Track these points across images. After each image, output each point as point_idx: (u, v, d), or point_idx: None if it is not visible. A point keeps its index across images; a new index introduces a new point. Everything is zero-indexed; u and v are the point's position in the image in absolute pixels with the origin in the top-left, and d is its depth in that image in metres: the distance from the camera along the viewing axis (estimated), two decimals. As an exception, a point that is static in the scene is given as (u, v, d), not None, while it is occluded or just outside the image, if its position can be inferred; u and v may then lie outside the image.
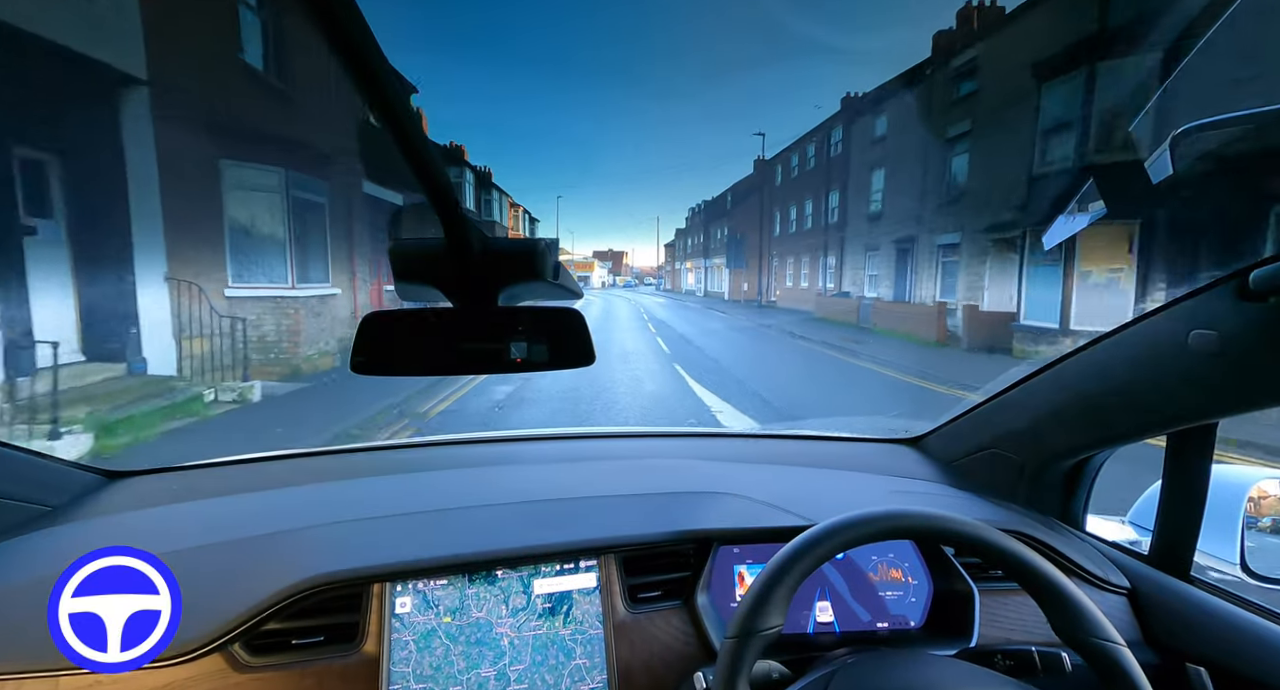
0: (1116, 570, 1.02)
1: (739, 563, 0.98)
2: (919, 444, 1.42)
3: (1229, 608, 0.90)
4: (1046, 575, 0.65)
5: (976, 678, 0.67)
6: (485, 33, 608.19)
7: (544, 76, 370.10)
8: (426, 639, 0.85)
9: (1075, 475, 1.13)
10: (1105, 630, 0.62)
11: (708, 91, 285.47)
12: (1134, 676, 0.60)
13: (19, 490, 0.98)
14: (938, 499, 1.16)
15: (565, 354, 0.62)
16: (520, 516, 0.99)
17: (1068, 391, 1.01)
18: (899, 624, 0.99)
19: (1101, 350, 0.94)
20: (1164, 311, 0.82)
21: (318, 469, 1.24)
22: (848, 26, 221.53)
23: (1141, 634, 0.97)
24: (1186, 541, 0.96)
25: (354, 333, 0.59)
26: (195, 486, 1.13)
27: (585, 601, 0.91)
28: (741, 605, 0.65)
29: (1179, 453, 0.94)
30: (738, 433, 1.56)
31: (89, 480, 1.12)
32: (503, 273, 0.57)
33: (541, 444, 1.44)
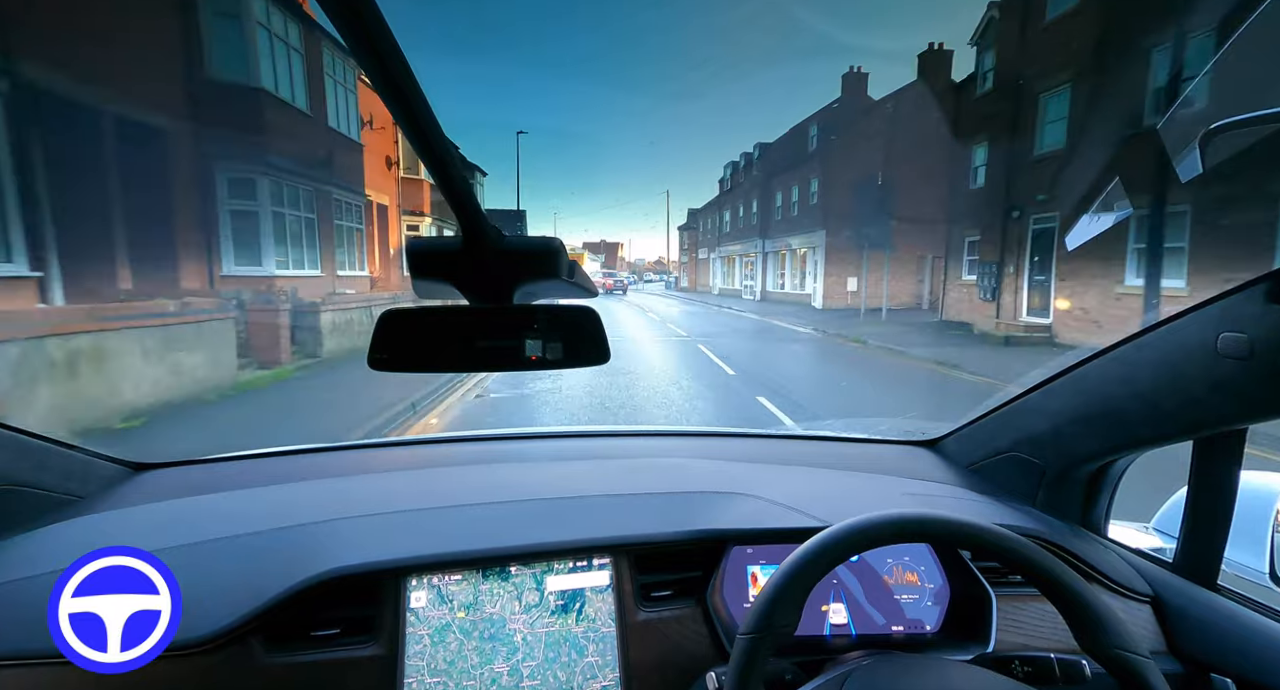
0: (1140, 578, 1.00)
1: (752, 563, 0.97)
2: (937, 446, 1.40)
3: (1258, 618, 0.88)
4: (1067, 582, 0.64)
5: (993, 685, 0.66)
6: (483, 31, 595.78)
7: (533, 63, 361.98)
8: (441, 634, 0.85)
9: (1097, 480, 1.11)
10: (1128, 640, 0.61)
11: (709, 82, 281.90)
12: (1157, 688, 0.58)
13: (47, 480, 0.99)
14: (955, 502, 1.14)
15: (581, 352, 0.63)
16: (534, 513, 0.99)
17: (1090, 395, 0.99)
18: (914, 628, 0.97)
19: (1126, 353, 0.92)
20: (1191, 314, 0.80)
21: (337, 463, 1.26)
22: (864, 25, 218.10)
23: (1166, 643, 0.95)
24: (1213, 550, 0.94)
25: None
26: (217, 479, 1.15)
27: (598, 599, 0.91)
28: (755, 604, 0.65)
29: (1206, 458, 0.91)
30: (752, 433, 1.55)
31: (116, 471, 1.14)
32: (519, 271, 0.58)
33: (556, 441, 1.43)
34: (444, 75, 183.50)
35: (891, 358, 10.89)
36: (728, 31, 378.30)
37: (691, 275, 46.49)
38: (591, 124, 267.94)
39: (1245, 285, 0.73)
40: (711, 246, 39.67)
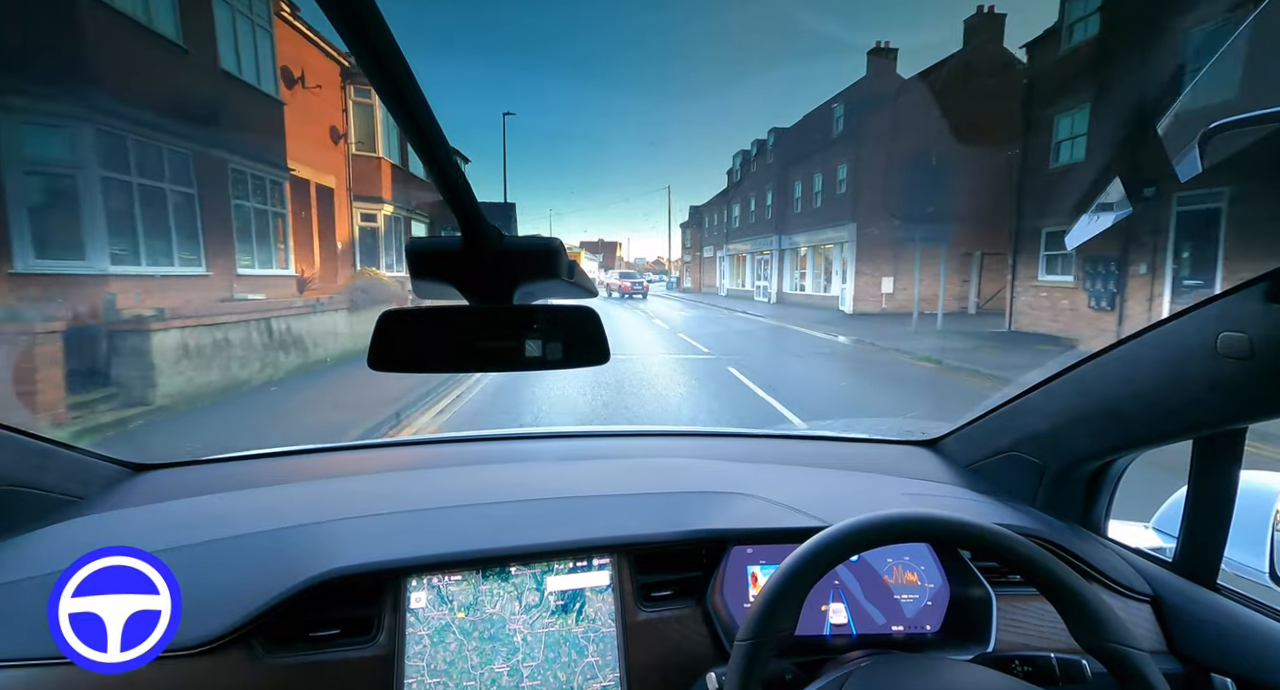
0: (1139, 577, 1.01)
1: (752, 563, 0.97)
2: (937, 446, 1.41)
3: (1258, 618, 0.88)
4: (1063, 579, 0.65)
5: (997, 684, 0.66)
6: (480, 30, 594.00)
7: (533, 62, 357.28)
8: (441, 634, 0.86)
9: (1097, 479, 1.12)
10: (1125, 635, 0.62)
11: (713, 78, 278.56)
12: (1153, 682, 0.60)
13: (47, 481, 1.00)
14: (955, 502, 1.15)
15: (581, 352, 0.63)
16: (534, 514, 1.00)
17: (1090, 394, 1.00)
18: (915, 628, 0.97)
19: (1126, 352, 0.93)
20: (1191, 313, 0.81)
21: (336, 464, 1.27)
22: (863, 23, 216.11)
23: (1166, 643, 0.96)
24: (1213, 549, 0.94)
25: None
26: (217, 480, 1.15)
27: (598, 599, 0.91)
28: (755, 606, 0.65)
29: (1206, 458, 0.92)
30: (752, 433, 1.56)
31: (115, 472, 1.15)
32: (519, 271, 0.58)
33: (556, 441, 1.46)
34: (442, 75, 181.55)
35: (995, 386, 7.27)
36: (729, 32, 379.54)
37: (695, 275, 42.36)
38: (589, 123, 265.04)
39: (1245, 284, 0.74)
40: (718, 244, 35.72)
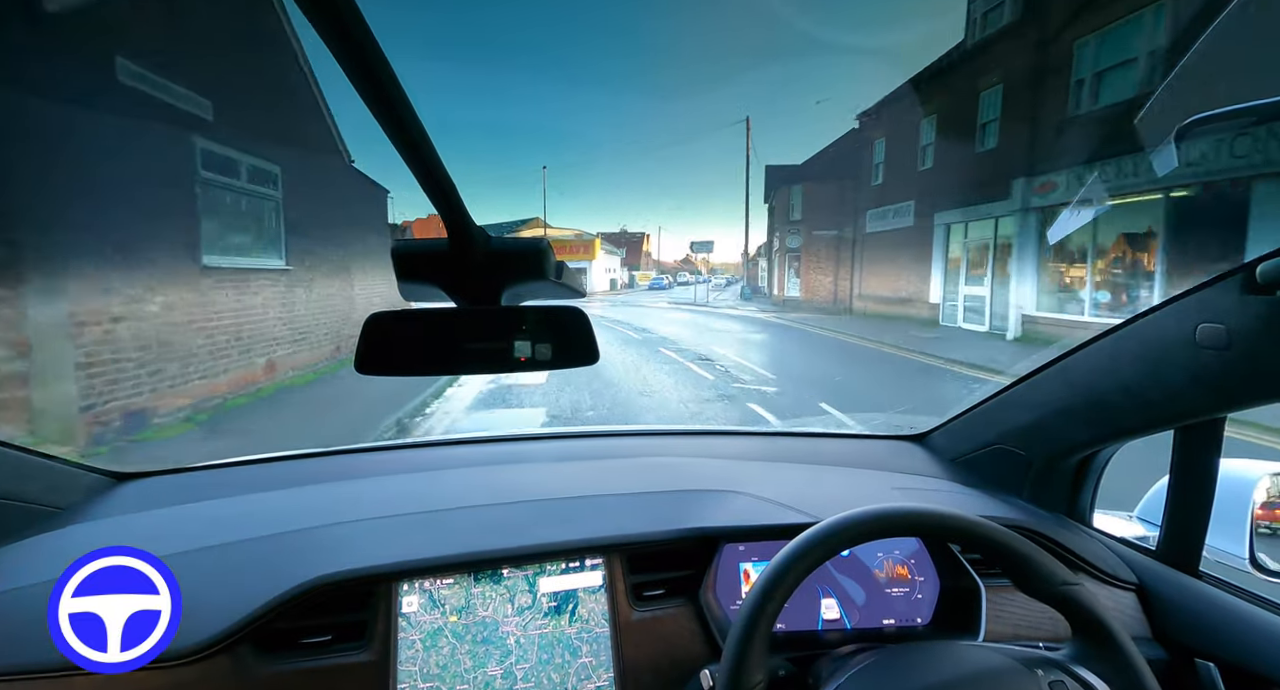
0: (1124, 566, 1.02)
1: (744, 560, 0.98)
2: (924, 440, 1.42)
3: (1238, 603, 0.90)
4: (1000, 540, 0.67)
5: (993, 661, 0.66)
6: (476, 30, 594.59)
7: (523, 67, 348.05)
8: (433, 638, 0.85)
9: (1082, 471, 1.13)
10: (1062, 575, 0.65)
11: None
12: (1092, 609, 0.64)
13: (28, 492, 0.99)
14: (942, 495, 1.16)
15: (569, 353, 0.63)
16: (525, 515, 0.99)
17: (1074, 387, 1.02)
18: (906, 621, 0.98)
19: (1108, 345, 0.94)
20: (1170, 305, 0.83)
21: (323, 470, 1.25)
22: (848, 23, 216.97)
23: (1150, 630, 0.97)
24: (1195, 537, 0.96)
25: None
26: (202, 488, 1.14)
27: (591, 600, 0.91)
28: (746, 602, 0.65)
29: (1187, 447, 0.93)
30: (742, 431, 1.57)
31: (97, 482, 1.13)
32: (506, 272, 0.59)
33: (545, 443, 1.44)
34: (430, 78, 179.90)
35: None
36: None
37: (781, 278, 24.64)
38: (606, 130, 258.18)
39: (1221, 276, 0.75)
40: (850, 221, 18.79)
